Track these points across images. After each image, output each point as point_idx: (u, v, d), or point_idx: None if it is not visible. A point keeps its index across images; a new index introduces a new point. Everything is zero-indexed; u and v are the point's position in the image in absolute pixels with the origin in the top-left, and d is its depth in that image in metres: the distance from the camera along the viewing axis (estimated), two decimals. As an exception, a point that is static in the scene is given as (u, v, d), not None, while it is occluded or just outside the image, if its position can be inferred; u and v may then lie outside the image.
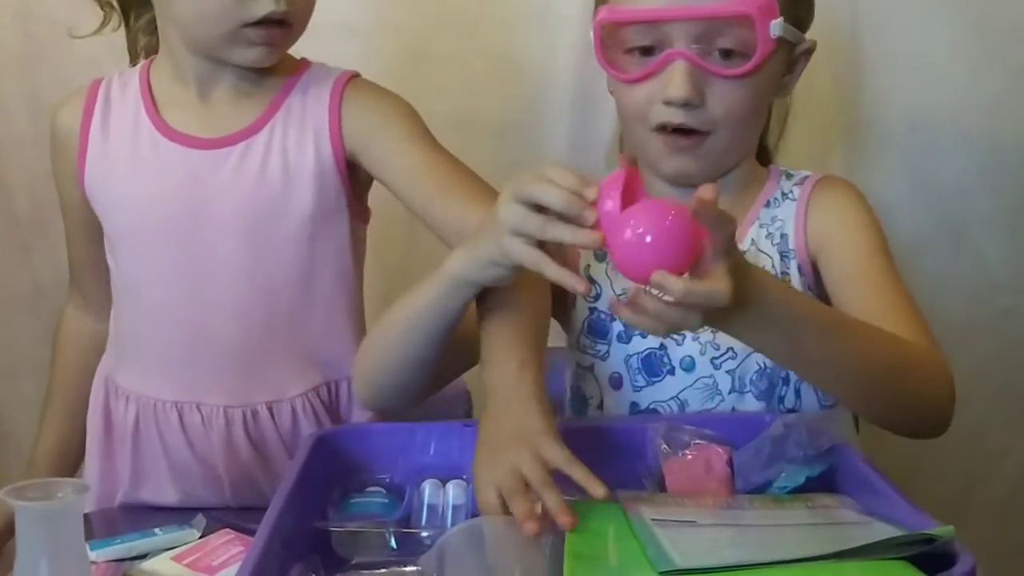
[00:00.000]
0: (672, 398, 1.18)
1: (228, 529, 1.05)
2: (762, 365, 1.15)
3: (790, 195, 1.21)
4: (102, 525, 1.10)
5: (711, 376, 1.17)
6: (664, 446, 1.02)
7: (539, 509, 0.89)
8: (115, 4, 1.29)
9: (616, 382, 1.21)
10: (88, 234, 1.30)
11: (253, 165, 1.21)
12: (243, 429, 1.23)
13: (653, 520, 0.87)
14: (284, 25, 1.18)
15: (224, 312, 1.22)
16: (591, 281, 1.21)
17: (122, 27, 1.33)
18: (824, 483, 0.99)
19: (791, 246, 1.18)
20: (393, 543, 0.94)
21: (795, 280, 1.17)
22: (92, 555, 0.99)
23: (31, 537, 0.81)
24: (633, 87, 1.15)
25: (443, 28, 1.66)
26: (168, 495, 1.25)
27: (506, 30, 1.68)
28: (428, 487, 1.02)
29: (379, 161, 1.23)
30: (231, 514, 1.13)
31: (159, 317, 1.23)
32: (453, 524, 0.97)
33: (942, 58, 1.66)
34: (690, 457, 1.02)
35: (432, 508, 1.00)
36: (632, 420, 1.16)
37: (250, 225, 1.21)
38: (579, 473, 0.90)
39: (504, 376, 1.01)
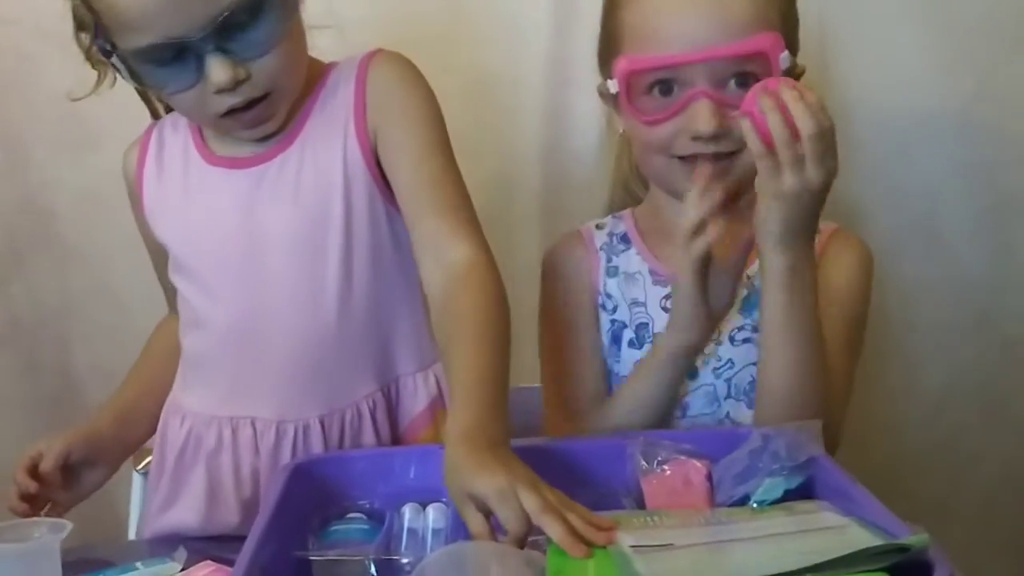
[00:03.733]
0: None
1: (209, 561, 1.04)
2: (754, 377, 1.21)
3: None
4: (79, 562, 1.10)
5: (711, 384, 1.24)
6: (642, 462, 1.02)
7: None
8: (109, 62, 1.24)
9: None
10: (162, 262, 1.34)
11: (289, 176, 1.22)
12: (291, 444, 1.22)
13: (632, 547, 0.86)
14: (256, 103, 1.17)
15: (280, 325, 1.22)
16: (607, 296, 1.31)
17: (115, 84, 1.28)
18: (803, 495, 0.99)
19: None
20: (373, 570, 0.94)
21: None
22: (72, 592, 0.98)
23: (8, 578, 0.81)
24: (656, 127, 1.21)
25: (412, 46, 1.65)
26: (191, 519, 1.24)
27: (475, 46, 1.68)
28: (408, 511, 1.02)
29: (387, 158, 1.23)
30: (213, 545, 1.13)
31: (220, 335, 1.25)
32: (433, 549, 0.97)
33: (911, 60, 1.66)
34: (669, 472, 1.02)
35: (412, 532, 1.00)
36: (609, 436, 1.16)
37: (294, 236, 1.22)
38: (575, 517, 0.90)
39: (481, 422, 0.99)
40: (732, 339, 1.25)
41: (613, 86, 1.21)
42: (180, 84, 1.14)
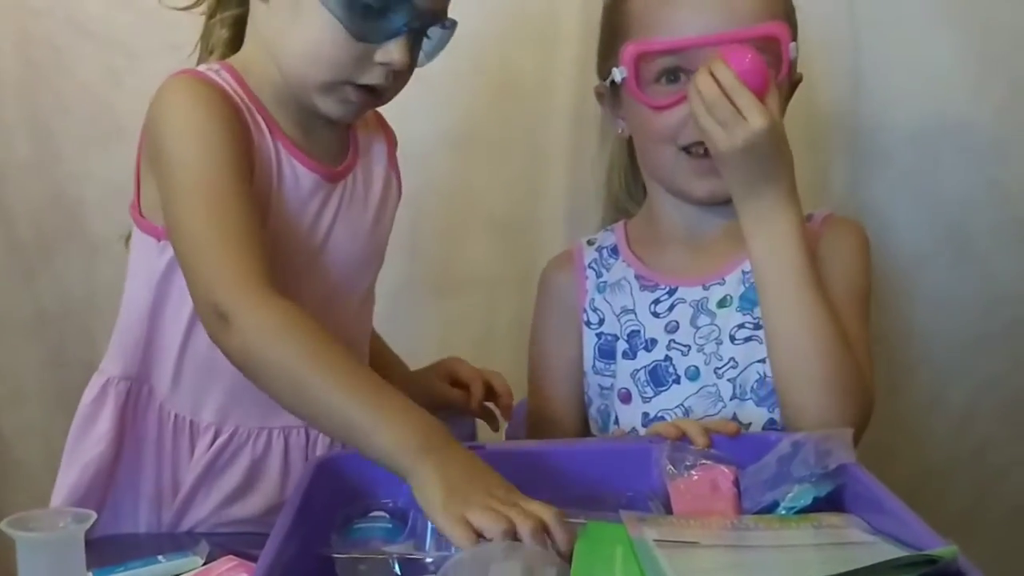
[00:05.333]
0: (678, 406, 1.23)
1: (232, 556, 1.04)
2: (762, 374, 1.20)
3: None
4: (105, 553, 1.10)
5: (714, 385, 1.22)
6: (669, 466, 1.01)
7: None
8: None
9: (624, 397, 1.26)
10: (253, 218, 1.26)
11: (359, 192, 1.23)
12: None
13: (655, 541, 0.86)
14: (378, 94, 1.17)
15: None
16: (594, 311, 1.30)
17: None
18: (832, 502, 0.98)
19: None
20: (397, 569, 0.93)
21: None
22: (95, 583, 0.98)
23: (33, 567, 0.82)
24: (662, 113, 1.21)
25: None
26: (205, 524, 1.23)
27: (506, 47, 1.68)
28: (432, 511, 1.01)
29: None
30: (235, 540, 1.12)
31: None
32: (458, 549, 0.96)
33: (944, 69, 1.65)
34: (696, 477, 1.01)
35: (437, 532, 0.99)
36: (637, 440, 1.15)
37: (358, 251, 1.24)
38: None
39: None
40: (733, 338, 1.23)
41: (619, 73, 1.22)
42: (362, 31, 1.11)
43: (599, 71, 1.31)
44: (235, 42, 1.22)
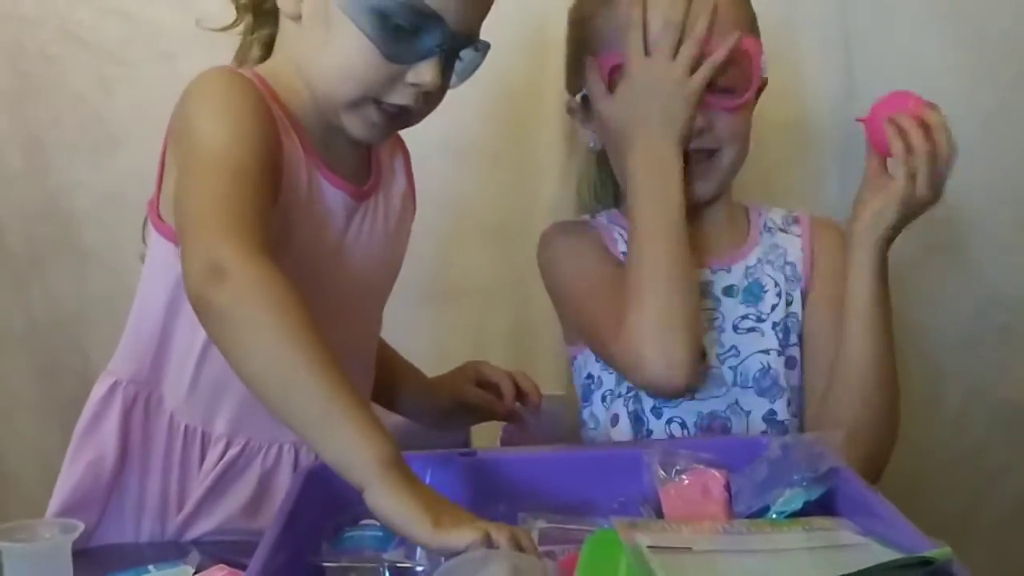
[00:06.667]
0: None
1: (223, 564, 1.04)
2: (765, 365, 1.26)
3: (786, 230, 1.35)
4: (95, 563, 1.09)
5: (718, 368, 1.27)
6: (660, 472, 1.01)
7: None
8: (250, 8, 1.23)
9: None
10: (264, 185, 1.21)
11: (380, 215, 1.23)
12: None
13: (649, 547, 0.86)
14: (405, 116, 1.16)
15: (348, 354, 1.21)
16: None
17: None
18: (823, 506, 0.98)
19: (799, 274, 1.31)
20: (388, 576, 0.93)
21: (796, 303, 1.30)
22: (84, 594, 0.98)
23: (19, 578, 0.81)
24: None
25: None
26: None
27: (497, 56, 1.67)
28: (423, 518, 1.01)
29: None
30: (226, 549, 1.12)
31: None
32: (448, 557, 0.95)
33: (935, 75, 1.65)
34: (687, 482, 1.01)
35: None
36: (627, 445, 1.15)
37: (374, 271, 1.25)
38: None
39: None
40: (736, 327, 1.27)
41: (594, 82, 1.26)
42: (394, 52, 1.10)
43: (569, 85, 1.33)
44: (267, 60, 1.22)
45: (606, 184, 1.38)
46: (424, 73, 1.10)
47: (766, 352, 1.27)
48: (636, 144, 1.22)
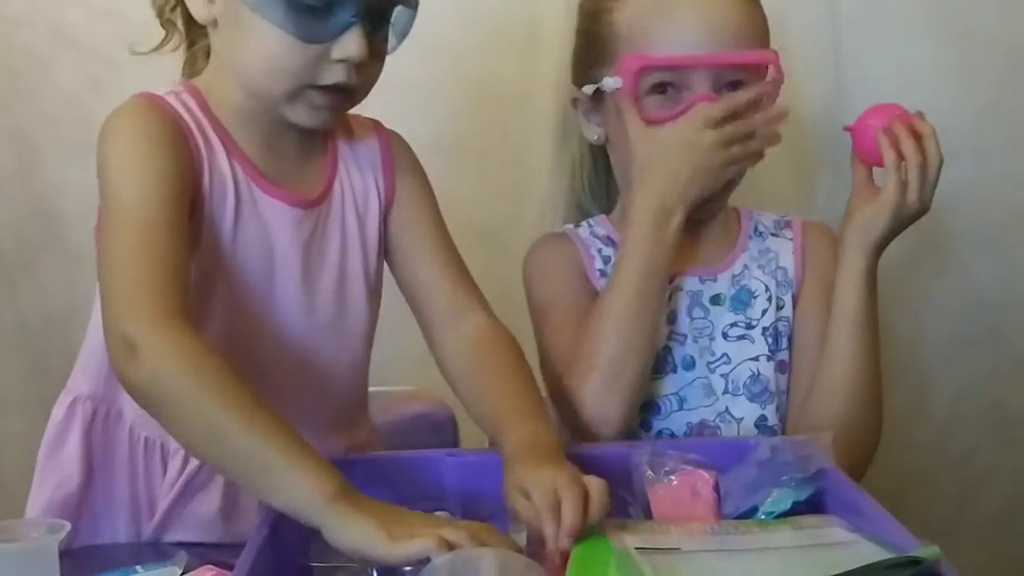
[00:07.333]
0: (673, 394, 1.26)
1: (210, 566, 1.03)
2: (755, 372, 1.26)
3: (778, 234, 1.34)
4: (83, 563, 1.09)
5: (707, 377, 1.26)
6: (649, 472, 1.01)
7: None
8: (179, 24, 1.20)
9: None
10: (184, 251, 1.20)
11: (336, 218, 1.19)
12: None
13: (637, 549, 0.86)
14: (347, 93, 1.13)
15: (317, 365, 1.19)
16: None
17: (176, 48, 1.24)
18: (812, 507, 0.98)
19: (791, 278, 1.31)
20: (376, 577, 0.93)
21: (788, 307, 1.30)
22: (71, 594, 0.97)
23: (6, 579, 0.80)
24: (655, 127, 1.23)
25: (421, 54, 1.65)
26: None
27: (487, 56, 1.68)
28: (412, 518, 1.01)
29: (404, 225, 1.23)
30: (214, 550, 1.12)
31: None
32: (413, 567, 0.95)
33: (925, 74, 1.66)
34: (676, 482, 1.01)
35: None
36: (616, 445, 1.15)
37: (340, 279, 1.20)
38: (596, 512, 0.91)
39: (539, 434, 1.02)
40: (725, 335, 1.27)
41: (612, 83, 1.23)
42: (310, 33, 1.07)
43: (576, 78, 1.31)
44: None
45: (601, 180, 1.38)
46: (348, 46, 1.08)
47: (756, 359, 1.27)
48: (654, 187, 1.21)
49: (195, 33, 1.20)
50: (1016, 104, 1.66)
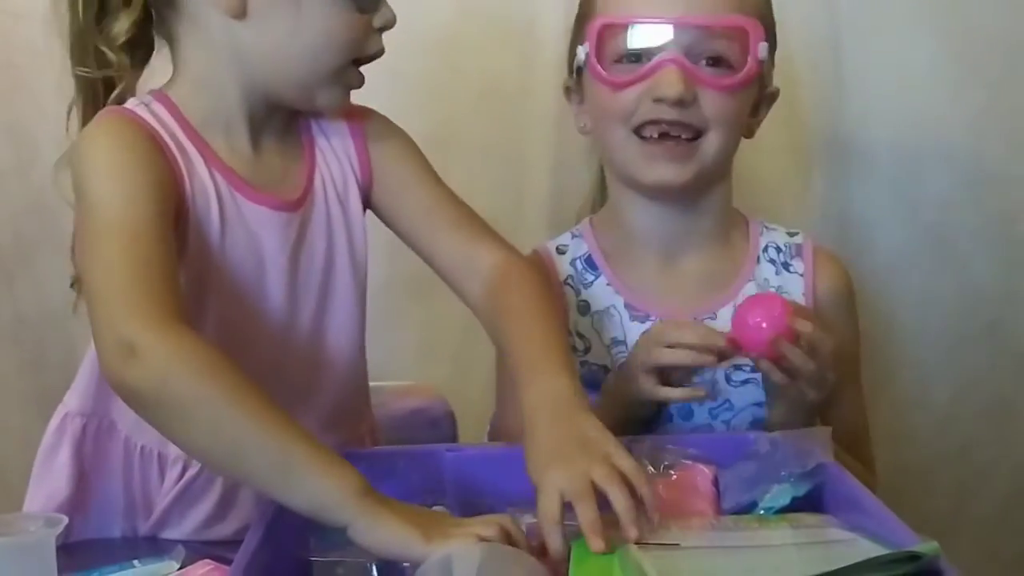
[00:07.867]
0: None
1: (208, 560, 1.03)
2: (759, 417, 1.21)
3: (789, 265, 1.27)
4: (80, 558, 1.09)
5: (708, 425, 1.22)
6: (649, 466, 1.01)
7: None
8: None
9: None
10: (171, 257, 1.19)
11: (319, 227, 1.17)
12: None
13: (637, 544, 0.86)
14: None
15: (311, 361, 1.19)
16: (579, 336, 1.26)
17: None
18: (810, 502, 0.98)
19: None
20: (375, 572, 0.93)
21: None
22: (68, 588, 0.97)
23: (2, 572, 0.80)
24: (621, 92, 1.20)
25: (421, 48, 1.66)
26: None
27: (484, 49, 1.68)
28: (411, 513, 1.00)
29: (395, 193, 1.20)
30: (212, 544, 1.12)
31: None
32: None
33: (924, 72, 1.66)
34: (675, 477, 1.01)
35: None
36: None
37: (328, 274, 1.18)
38: (647, 490, 0.89)
39: (557, 389, 0.98)
40: (729, 378, 1.22)
41: (583, 51, 1.22)
42: (362, 4, 1.10)
43: (568, 67, 1.31)
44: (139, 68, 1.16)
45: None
46: (387, 13, 1.12)
47: (760, 405, 1.21)
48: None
49: (137, 57, 1.16)
50: (1015, 103, 1.66)
